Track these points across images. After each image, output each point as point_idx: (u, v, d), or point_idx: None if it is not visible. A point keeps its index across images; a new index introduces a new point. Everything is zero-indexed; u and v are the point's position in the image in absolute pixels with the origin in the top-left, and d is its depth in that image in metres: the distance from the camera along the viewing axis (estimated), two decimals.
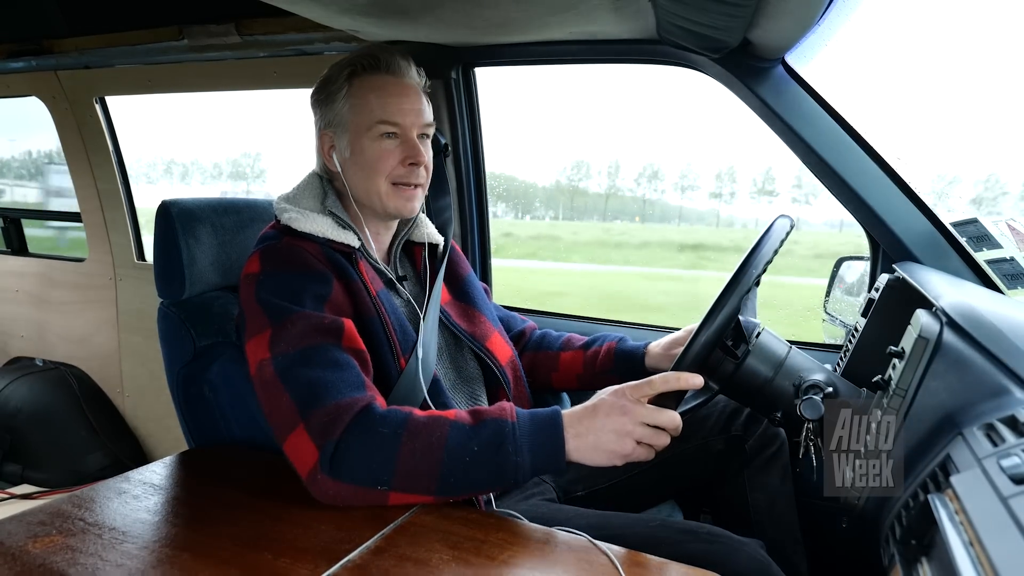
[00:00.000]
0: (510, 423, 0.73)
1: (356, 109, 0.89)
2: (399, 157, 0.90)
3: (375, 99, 0.89)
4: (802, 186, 17.82)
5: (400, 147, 0.90)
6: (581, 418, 0.74)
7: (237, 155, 6.45)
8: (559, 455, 0.72)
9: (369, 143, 0.89)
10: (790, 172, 17.03)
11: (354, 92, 0.89)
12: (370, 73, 0.90)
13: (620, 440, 0.72)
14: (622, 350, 1.08)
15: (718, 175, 32.51)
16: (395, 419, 0.72)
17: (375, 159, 0.89)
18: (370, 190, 0.91)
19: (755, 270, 0.81)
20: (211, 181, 7.72)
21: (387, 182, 0.90)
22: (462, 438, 0.71)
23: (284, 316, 0.78)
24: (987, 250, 1.05)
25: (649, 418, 0.72)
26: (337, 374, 0.75)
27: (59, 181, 2.96)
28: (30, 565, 0.60)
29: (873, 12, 1.15)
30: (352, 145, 0.90)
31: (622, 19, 1.11)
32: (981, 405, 0.62)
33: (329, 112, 0.91)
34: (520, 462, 0.71)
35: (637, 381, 0.75)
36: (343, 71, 0.90)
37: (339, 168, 0.92)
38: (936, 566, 0.52)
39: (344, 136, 0.90)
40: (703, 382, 0.77)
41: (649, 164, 33.01)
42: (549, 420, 0.74)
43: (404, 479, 0.70)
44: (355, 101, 0.89)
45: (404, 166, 0.90)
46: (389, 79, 0.91)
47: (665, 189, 31.28)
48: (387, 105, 0.89)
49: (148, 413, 2.12)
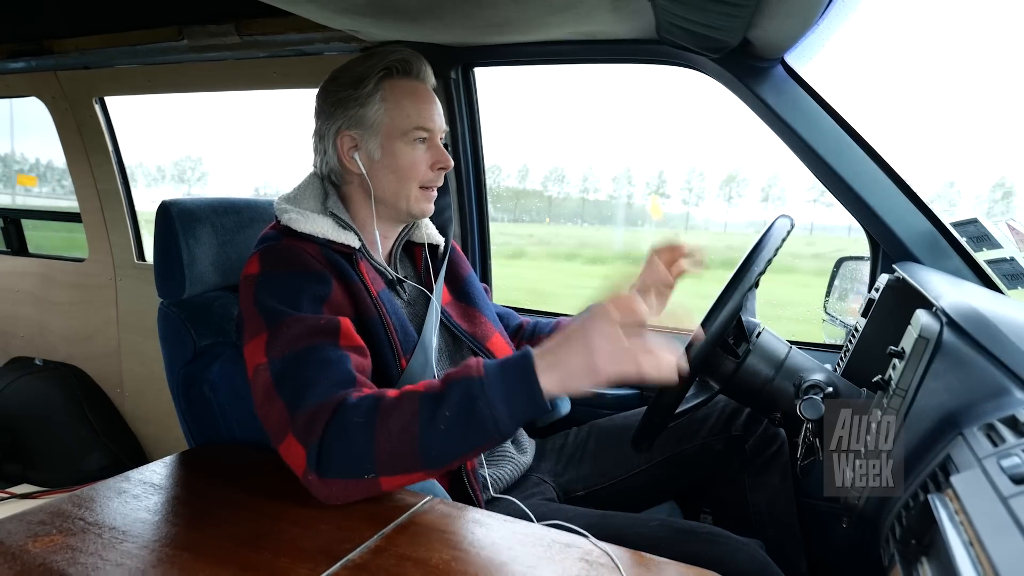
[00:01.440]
0: (477, 378, 0.68)
1: (392, 113, 0.89)
2: (430, 162, 0.92)
3: (410, 104, 0.90)
4: (692, 189, 17.80)
5: (429, 152, 0.92)
6: (555, 351, 0.67)
7: (180, 158, 6.34)
8: (536, 396, 0.66)
9: (403, 147, 0.90)
10: (681, 175, 17.13)
11: (388, 96, 0.90)
12: (403, 78, 0.91)
13: (616, 357, 0.63)
14: None
15: (615, 178, 33.01)
16: (365, 406, 0.70)
17: (409, 163, 0.91)
18: (399, 192, 0.92)
19: (756, 269, 0.81)
20: (154, 184, 7.56)
21: (417, 186, 0.92)
22: (432, 407, 0.68)
23: (280, 319, 0.77)
24: (987, 250, 1.05)
25: (635, 322, 0.65)
26: (324, 372, 0.74)
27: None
28: (30, 565, 0.60)
29: (873, 12, 1.15)
30: (384, 147, 0.90)
31: (621, 19, 1.11)
32: (981, 405, 0.62)
33: (356, 114, 0.90)
34: (497, 415, 0.66)
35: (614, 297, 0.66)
36: (374, 73, 0.90)
37: (363, 170, 0.91)
38: (936, 566, 0.52)
39: (374, 139, 0.90)
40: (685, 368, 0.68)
41: (556, 167, 33.57)
42: (518, 363, 0.68)
43: (387, 462, 0.69)
44: (390, 105, 0.90)
45: (434, 171, 0.92)
46: (420, 85, 0.92)
47: (569, 193, 31.60)
48: (422, 111, 0.90)
49: (148, 413, 2.12)
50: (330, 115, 0.92)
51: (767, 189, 14.95)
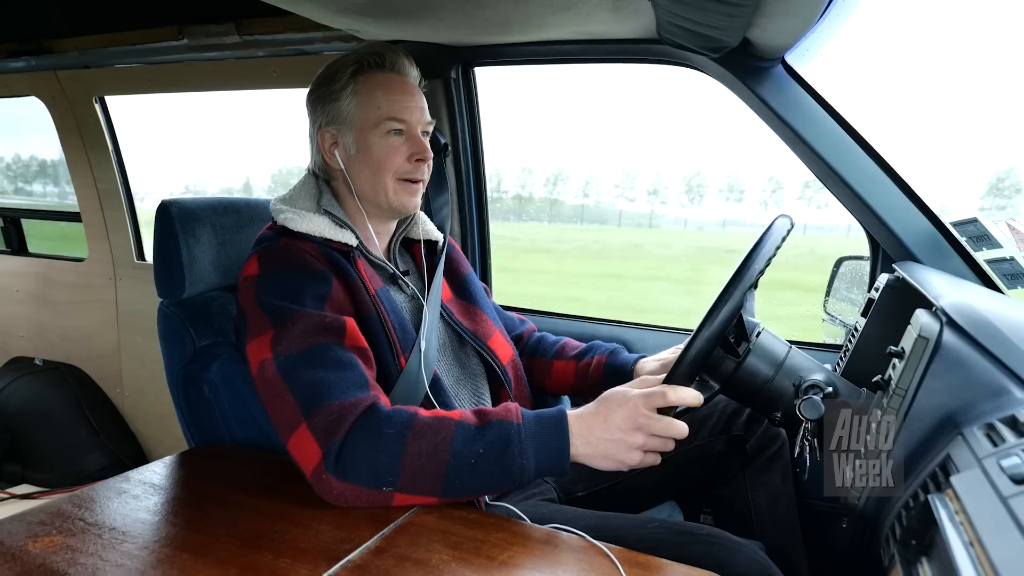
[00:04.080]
0: (516, 425, 0.72)
1: (363, 106, 0.90)
2: (406, 154, 0.91)
3: (382, 96, 0.89)
4: (620, 185, 17.91)
5: (406, 144, 0.91)
6: (591, 425, 0.73)
7: None
8: (564, 459, 0.73)
9: (376, 139, 0.90)
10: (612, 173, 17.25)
11: (360, 89, 0.90)
12: (375, 71, 0.91)
13: (629, 452, 0.73)
14: (612, 364, 1.07)
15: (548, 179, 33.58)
16: (400, 419, 0.72)
17: (383, 155, 0.90)
18: (377, 186, 0.91)
19: (755, 269, 0.81)
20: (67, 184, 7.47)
21: (393, 178, 0.91)
22: (467, 439, 0.71)
23: (285, 316, 0.78)
24: (987, 250, 1.05)
25: (661, 430, 0.73)
26: (339, 374, 0.75)
27: None
28: (30, 565, 0.60)
29: (873, 12, 1.15)
30: (358, 142, 0.90)
31: (622, 19, 1.11)
32: (981, 405, 0.62)
33: (332, 109, 0.91)
34: (525, 464, 0.71)
35: (650, 389, 0.75)
36: (347, 68, 0.90)
37: (342, 165, 0.92)
38: (936, 566, 0.52)
39: (349, 133, 0.91)
40: (701, 402, 0.77)
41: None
42: (555, 423, 0.74)
43: (409, 480, 0.70)
44: (361, 98, 0.90)
45: (411, 163, 0.91)
46: (394, 77, 0.92)
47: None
48: (394, 103, 0.90)
49: (148, 413, 2.12)
50: (312, 113, 0.93)
51: (725, 191, 15.17)
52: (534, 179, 29.24)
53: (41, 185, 7.30)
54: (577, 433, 0.73)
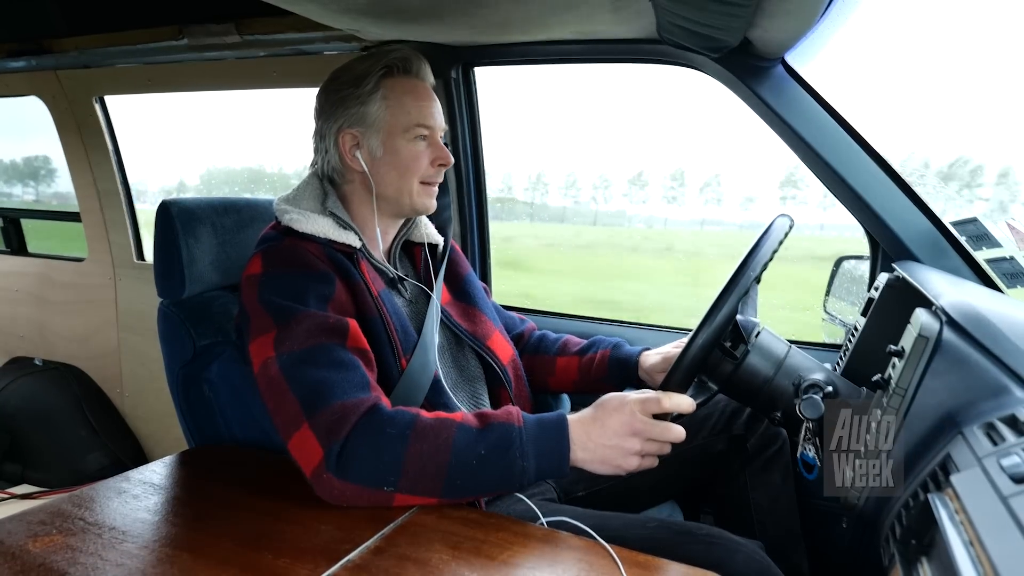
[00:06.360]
0: (517, 428, 0.73)
1: (392, 110, 0.91)
2: (430, 158, 0.93)
3: (411, 102, 0.91)
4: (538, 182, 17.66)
5: (429, 149, 0.94)
6: (589, 431, 0.74)
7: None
8: (563, 462, 0.74)
9: (404, 144, 0.92)
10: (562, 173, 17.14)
11: (389, 94, 0.91)
12: (403, 76, 0.93)
13: (626, 457, 0.74)
14: (616, 358, 1.08)
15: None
16: (402, 420, 0.73)
17: (411, 159, 0.92)
18: (402, 188, 0.93)
19: (753, 271, 0.81)
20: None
21: (418, 182, 0.93)
22: (469, 441, 0.72)
23: (289, 316, 0.78)
24: (987, 249, 1.05)
25: (658, 435, 0.74)
26: (342, 374, 0.75)
27: None
28: (30, 565, 0.60)
29: (873, 11, 1.15)
30: (385, 145, 0.91)
31: (622, 19, 1.11)
32: (981, 404, 0.62)
33: (357, 112, 0.91)
34: (526, 467, 0.72)
35: (645, 395, 0.76)
36: (375, 72, 0.91)
37: (364, 167, 0.92)
38: (936, 566, 0.52)
39: (376, 136, 0.91)
40: (694, 408, 0.78)
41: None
42: (555, 427, 0.75)
43: (411, 481, 0.71)
44: (391, 103, 0.91)
45: (434, 167, 0.94)
46: (420, 83, 0.94)
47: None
48: (422, 108, 0.92)
49: (148, 413, 2.12)
50: (331, 114, 0.93)
51: (704, 189, 15.11)
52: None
53: (22, 186, 7.15)
54: (576, 438, 0.74)
